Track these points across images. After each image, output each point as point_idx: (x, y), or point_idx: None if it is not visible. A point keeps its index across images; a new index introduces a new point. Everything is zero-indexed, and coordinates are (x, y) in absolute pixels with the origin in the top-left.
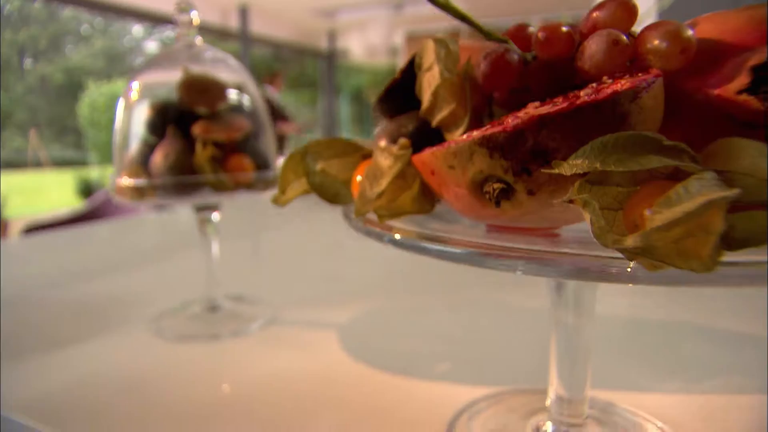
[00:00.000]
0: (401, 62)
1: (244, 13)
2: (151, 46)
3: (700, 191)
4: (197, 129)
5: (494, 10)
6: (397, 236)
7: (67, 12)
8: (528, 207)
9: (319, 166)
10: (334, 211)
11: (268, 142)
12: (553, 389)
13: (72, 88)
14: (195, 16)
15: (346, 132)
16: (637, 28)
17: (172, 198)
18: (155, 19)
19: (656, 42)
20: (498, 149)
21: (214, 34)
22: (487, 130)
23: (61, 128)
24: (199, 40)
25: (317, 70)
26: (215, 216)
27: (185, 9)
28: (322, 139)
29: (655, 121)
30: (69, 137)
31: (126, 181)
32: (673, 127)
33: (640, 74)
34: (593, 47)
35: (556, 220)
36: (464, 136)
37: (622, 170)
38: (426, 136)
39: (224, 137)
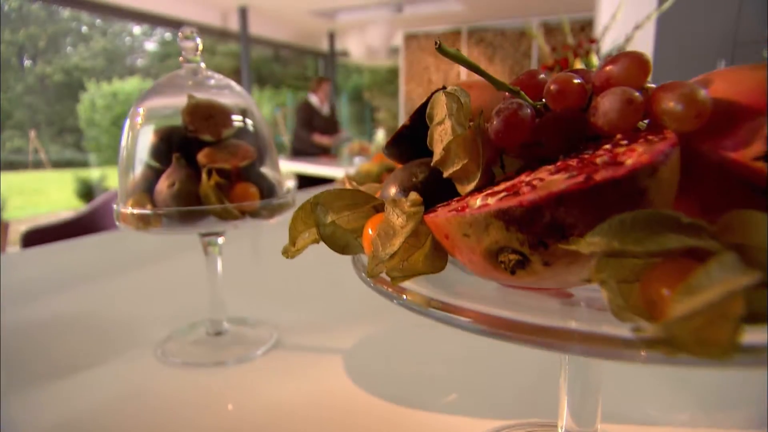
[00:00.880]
0: (401, 62)
1: (244, 14)
2: (151, 47)
3: (721, 277)
4: (202, 158)
5: (495, 13)
6: (405, 297)
7: (67, 12)
8: (543, 276)
9: (329, 219)
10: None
11: (273, 167)
12: (564, 424)
13: (72, 88)
14: (199, 44)
15: (346, 132)
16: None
17: (177, 227)
18: (154, 20)
19: (671, 104)
20: (514, 223)
21: (214, 35)
22: (504, 201)
23: (61, 128)
24: (203, 66)
25: (317, 70)
26: (220, 240)
27: (190, 37)
28: (333, 189)
29: (672, 189)
30: (69, 137)
31: (130, 209)
32: (687, 188)
33: (655, 137)
34: (607, 105)
35: (570, 283)
36: (479, 202)
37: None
38: (437, 186)
39: (229, 166)
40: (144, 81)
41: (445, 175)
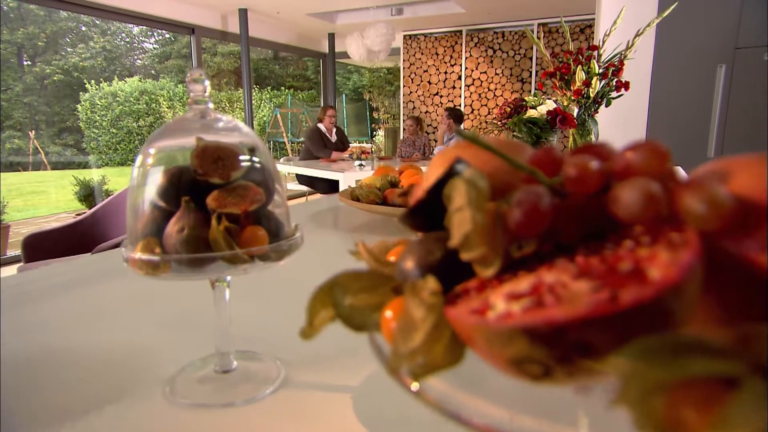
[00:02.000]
0: (400, 63)
1: (244, 16)
2: (151, 47)
3: (751, 414)
4: (211, 201)
5: (495, 15)
6: (416, 387)
7: (66, 12)
8: (565, 383)
9: (347, 301)
10: (345, 261)
11: (280, 204)
12: None
13: (71, 88)
14: (207, 86)
15: (346, 131)
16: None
17: (186, 273)
18: (154, 23)
19: (694, 205)
20: (539, 339)
21: (215, 37)
22: (528, 314)
23: (60, 128)
24: (211, 106)
25: (318, 70)
26: (228, 276)
27: (198, 80)
28: (351, 271)
29: (696, 299)
30: (69, 137)
31: (139, 255)
32: (707, 284)
33: (677, 236)
34: (628, 197)
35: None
36: (501, 306)
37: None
38: (454, 265)
39: (239, 210)
40: (144, 81)
41: (464, 259)
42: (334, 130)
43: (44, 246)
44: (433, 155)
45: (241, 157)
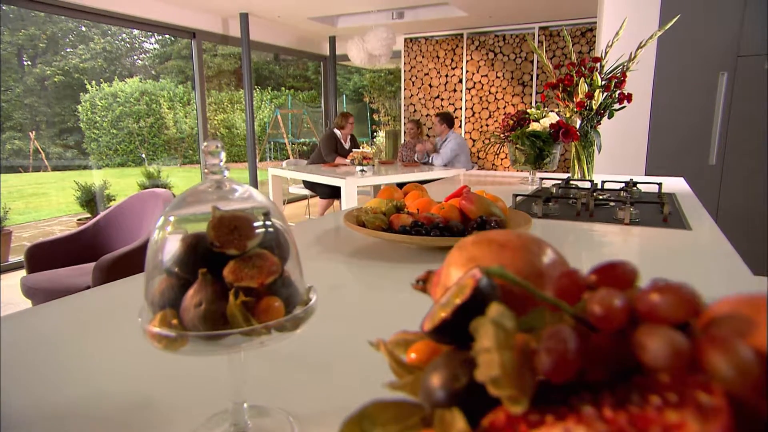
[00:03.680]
0: (401, 66)
1: (245, 20)
2: (151, 47)
3: None
4: (228, 274)
5: (496, 19)
6: None
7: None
8: None
9: None
10: (361, 309)
11: (295, 267)
12: None
13: (72, 89)
14: (223, 157)
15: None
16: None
17: (202, 348)
18: (155, 27)
19: (721, 368)
20: None
21: (215, 40)
22: None
23: (61, 129)
24: (227, 174)
25: (318, 71)
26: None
27: (215, 152)
28: (380, 401)
29: None
30: (69, 138)
31: (157, 329)
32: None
33: (704, 398)
34: (654, 349)
35: None
36: None
37: None
38: (481, 389)
39: (256, 284)
40: (144, 82)
41: (491, 394)
42: (349, 137)
43: (47, 256)
44: (432, 161)
45: (256, 224)
